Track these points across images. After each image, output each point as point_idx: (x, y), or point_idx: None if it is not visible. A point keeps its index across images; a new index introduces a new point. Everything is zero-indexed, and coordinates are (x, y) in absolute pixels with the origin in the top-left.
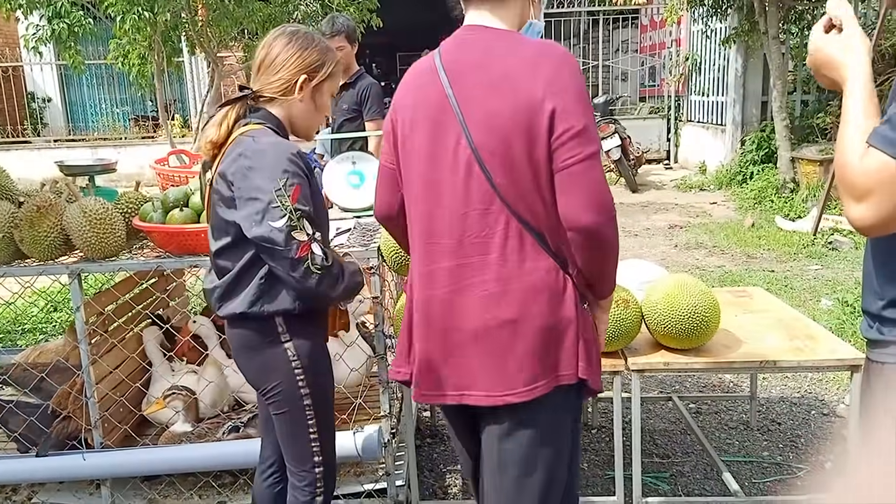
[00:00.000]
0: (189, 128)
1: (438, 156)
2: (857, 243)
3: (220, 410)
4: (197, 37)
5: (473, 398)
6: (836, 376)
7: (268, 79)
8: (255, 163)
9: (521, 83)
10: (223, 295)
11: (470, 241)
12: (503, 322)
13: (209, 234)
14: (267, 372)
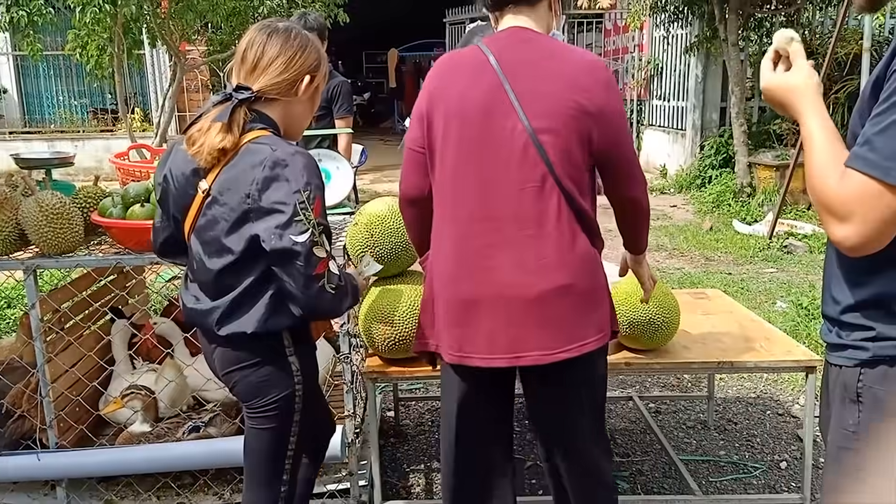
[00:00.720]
0: (150, 122)
1: (492, 138)
2: (811, 247)
3: (180, 410)
4: (159, 29)
5: (529, 359)
6: (790, 377)
7: (270, 79)
8: (277, 173)
9: (580, 82)
10: (224, 317)
11: (526, 214)
12: (560, 287)
13: (200, 250)
14: (268, 386)
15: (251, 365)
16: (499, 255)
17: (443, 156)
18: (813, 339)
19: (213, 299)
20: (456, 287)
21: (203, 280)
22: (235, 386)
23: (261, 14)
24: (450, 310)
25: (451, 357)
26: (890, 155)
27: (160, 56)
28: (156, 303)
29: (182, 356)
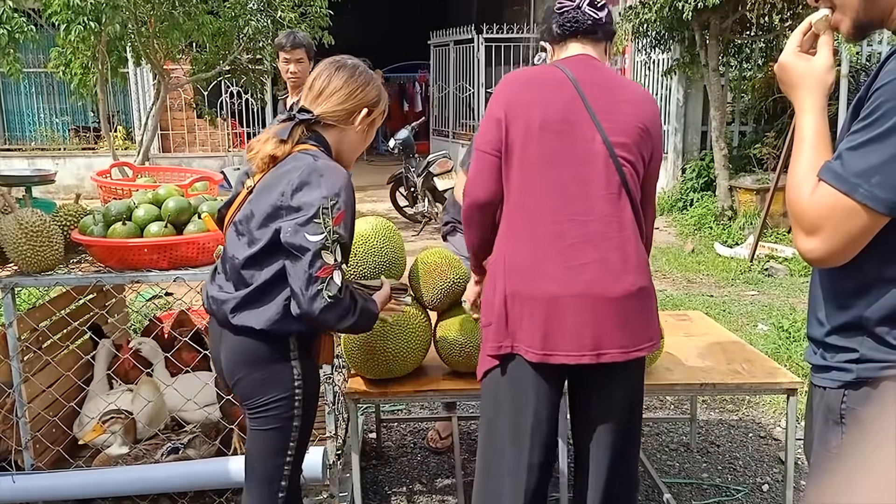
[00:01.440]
0: (132, 140)
1: (575, 147)
2: (791, 270)
3: (158, 431)
4: (143, 48)
5: (610, 356)
6: (772, 399)
7: (330, 107)
8: (311, 179)
9: (646, 109)
10: (239, 305)
11: (609, 218)
12: (639, 288)
13: (234, 240)
14: (267, 386)
15: (255, 363)
16: (585, 254)
17: (523, 159)
18: (794, 361)
19: (235, 289)
20: (540, 285)
21: (230, 269)
22: (238, 384)
23: (245, 34)
24: (532, 308)
25: (534, 356)
26: (859, 172)
27: (144, 74)
28: (136, 322)
29: (162, 377)
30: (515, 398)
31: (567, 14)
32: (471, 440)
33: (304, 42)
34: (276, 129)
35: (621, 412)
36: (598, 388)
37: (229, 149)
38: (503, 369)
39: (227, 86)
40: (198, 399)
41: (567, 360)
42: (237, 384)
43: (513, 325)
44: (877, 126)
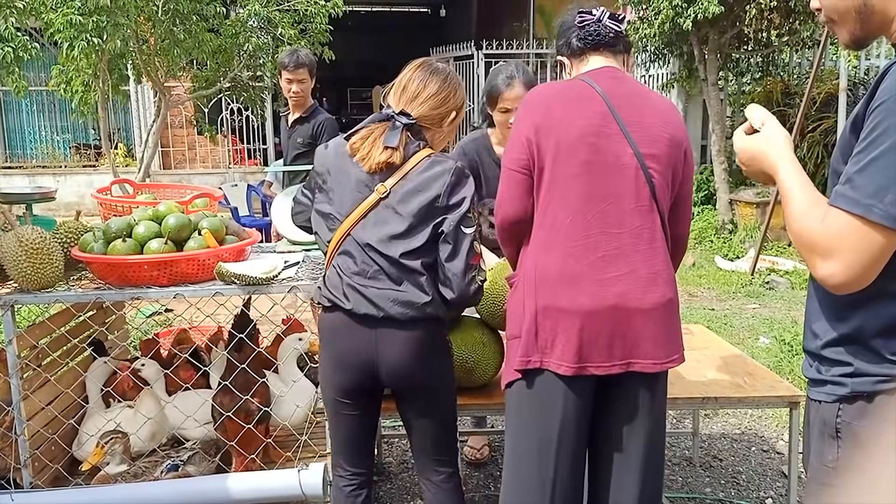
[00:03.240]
0: (133, 157)
1: (606, 161)
2: (792, 283)
3: (158, 448)
4: (144, 66)
5: (640, 366)
6: (775, 413)
7: (426, 111)
8: (461, 180)
9: (672, 120)
10: (429, 303)
11: (639, 231)
12: (669, 300)
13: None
14: (439, 367)
15: (432, 352)
16: (616, 266)
17: (553, 175)
18: (796, 374)
19: (397, 285)
20: (574, 299)
21: (387, 269)
22: (417, 372)
23: (246, 51)
24: (566, 322)
25: (567, 369)
26: (871, 193)
27: (145, 92)
28: (136, 339)
29: (160, 394)
30: (543, 413)
31: (588, 27)
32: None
33: (306, 61)
34: (378, 133)
35: (649, 424)
36: (626, 398)
37: (230, 165)
38: (530, 383)
39: (227, 102)
40: (198, 416)
41: (597, 371)
42: (415, 373)
43: (543, 339)
44: (879, 144)
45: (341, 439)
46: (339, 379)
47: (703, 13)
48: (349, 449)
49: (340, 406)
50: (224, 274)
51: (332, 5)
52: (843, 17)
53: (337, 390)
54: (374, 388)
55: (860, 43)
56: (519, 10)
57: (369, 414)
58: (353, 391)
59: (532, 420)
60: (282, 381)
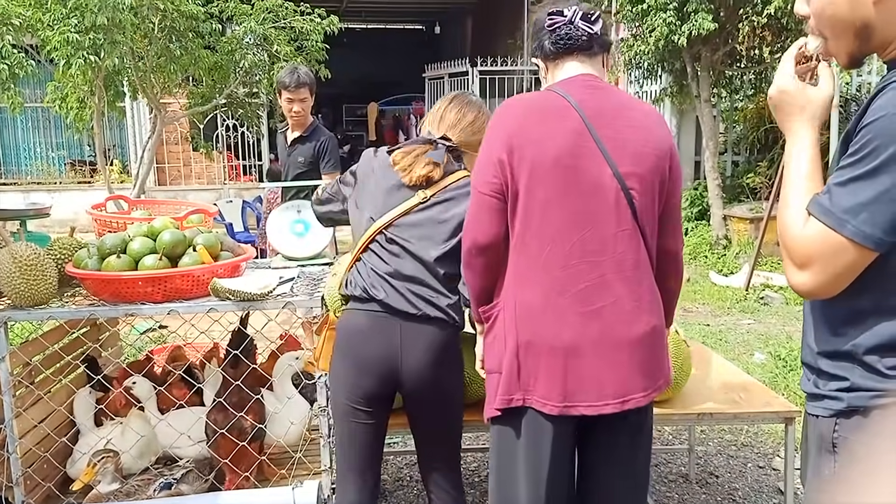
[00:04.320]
0: (128, 173)
1: (583, 183)
2: (787, 299)
3: (150, 466)
4: (140, 82)
5: (634, 401)
6: (770, 429)
7: (465, 138)
8: None
9: (655, 131)
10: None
11: (623, 257)
12: (653, 328)
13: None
14: (456, 373)
15: (455, 354)
16: (600, 297)
17: (529, 200)
18: (791, 390)
19: (424, 286)
20: (558, 334)
21: (426, 272)
22: (442, 378)
23: (242, 68)
24: (550, 359)
25: (553, 408)
26: (847, 208)
27: (140, 108)
28: (129, 355)
29: (153, 412)
30: (528, 452)
31: (559, 30)
32: (470, 474)
33: (307, 80)
34: (420, 151)
35: (640, 455)
36: (617, 433)
37: (225, 181)
38: (513, 421)
39: (222, 119)
40: (191, 434)
41: (588, 411)
42: (440, 380)
43: (526, 376)
44: (865, 163)
45: (354, 452)
46: (361, 383)
47: (697, 30)
48: (362, 462)
49: (357, 414)
50: (219, 290)
51: (327, 23)
52: (839, 35)
53: (355, 397)
54: (390, 396)
55: (857, 62)
56: (513, 27)
57: (380, 426)
58: (372, 396)
59: (518, 460)
60: (276, 398)
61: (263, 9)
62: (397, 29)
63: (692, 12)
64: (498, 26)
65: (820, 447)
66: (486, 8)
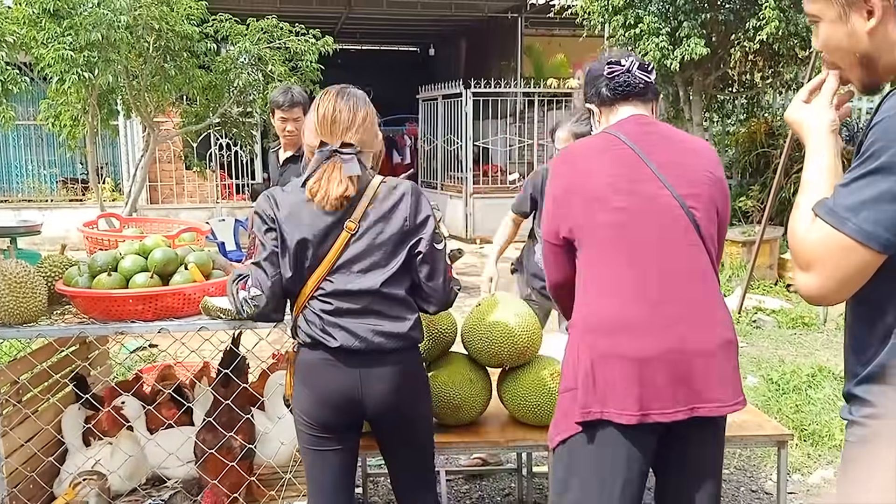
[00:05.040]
0: (120, 191)
1: (641, 204)
2: (779, 322)
3: (139, 487)
4: (134, 101)
5: (706, 410)
6: (763, 452)
7: (364, 135)
8: (420, 198)
9: (704, 156)
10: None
11: (688, 272)
12: (728, 340)
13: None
14: (422, 396)
15: (414, 377)
16: (672, 309)
17: (594, 228)
18: (784, 413)
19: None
20: (632, 344)
21: (370, 303)
22: (403, 403)
23: (236, 87)
24: (626, 369)
25: (630, 418)
26: (848, 206)
27: (134, 126)
28: (119, 374)
29: (141, 432)
30: (604, 466)
31: (618, 78)
32: (461, 496)
33: (300, 100)
34: (329, 170)
35: (713, 470)
36: (690, 445)
37: (217, 200)
38: (589, 437)
39: (216, 138)
40: (181, 454)
41: (661, 418)
42: (401, 405)
43: (602, 388)
44: (868, 163)
45: (322, 480)
46: (322, 414)
47: (689, 55)
48: (331, 488)
49: (320, 442)
50: (210, 308)
51: (322, 43)
52: (848, 66)
53: (317, 426)
54: (354, 424)
55: (871, 88)
56: (507, 50)
57: (350, 452)
58: (335, 427)
59: (593, 475)
60: (267, 417)
61: (258, 29)
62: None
63: (685, 37)
64: (492, 49)
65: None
66: (479, 31)
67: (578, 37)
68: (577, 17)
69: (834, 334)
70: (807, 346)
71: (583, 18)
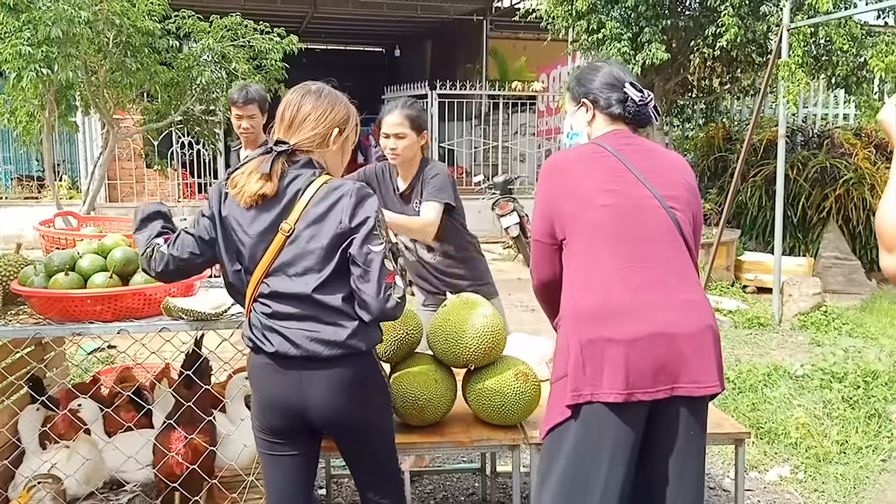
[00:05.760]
0: (77, 189)
1: (624, 204)
2: (735, 323)
3: (96, 490)
4: (93, 97)
5: (684, 390)
6: (721, 450)
7: (304, 134)
8: (360, 199)
9: (682, 166)
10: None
11: (668, 263)
12: (708, 325)
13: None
14: (373, 402)
15: (359, 384)
16: (653, 295)
17: (579, 227)
18: (741, 412)
19: (314, 323)
20: (617, 328)
21: (305, 308)
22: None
23: (199, 85)
24: (613, 350)
25: (618, 396)
26: None
27: (92, 123)
28: (76, 376)
29: (99, 435)
30: (594, 445)
31: (641, 108)
32: (425, 496)
33: (256, 97)
34: (255, 165)
35: (694, 450)
36: (671, 425)
37: (179, 199)
38: (580, 418)
39: (177, 136)
40: (139, 457)
41: (644, 397)
42: (346, 411)
43: (591, 371)
44: None
45: (279, 483)
46: (269, 420)
47: (650, 60)
48: (289, 494)
49: (273, 447)
50: (171, 309)
51: (287, 42)
52: None
53: (268, 431)
54: (303, 430)
55: None
56: (472, 53)
57: (307, 456)
58: (284, 432)
59: (581, 455)
60: (229, 419)
61: (222, 26)
62: (358, 51)
63: (646, 42)
64: (457, 51)
65: None
66: (445, 32)
67: (543, 40)
68: (541, 21)
69: (789, 334)
70: (762, 345)
71: (547, 22)
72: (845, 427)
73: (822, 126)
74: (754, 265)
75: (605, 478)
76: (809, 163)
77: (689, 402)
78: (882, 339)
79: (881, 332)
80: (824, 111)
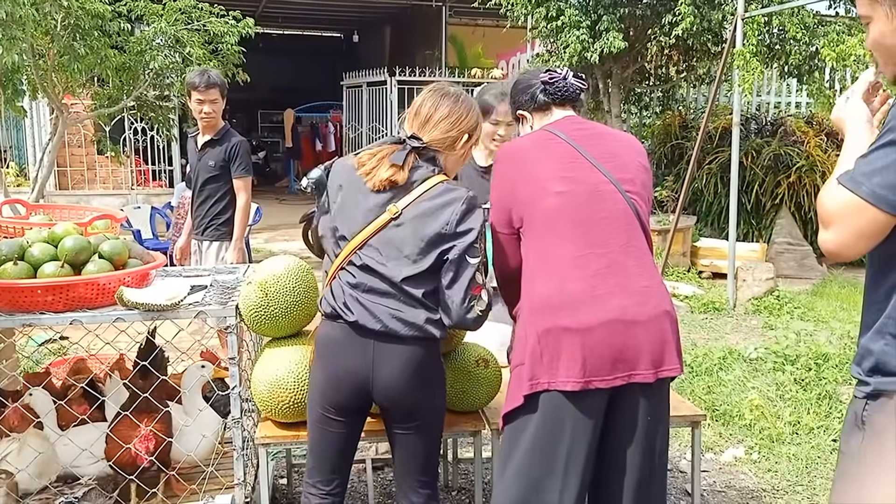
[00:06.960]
0: (26, 177)
1: (579, 190)
2: (692, 308)
3: (49, 484)
4: (40, 81)
5: (641, 377)
6: (677, 432)
7: (437, 135)
8: (471, 209)
9: (634, 147)
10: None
11: (625, 248)
12: (664, 311)
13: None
14: (433, 388)
15: (424, 367)
16: (609, 283)
17: (533, 215)
18: (696, 395)
19: (408, 306)
20: (573, 317)
21: (388, 287)
22: (409, 392)
23: (152, 70)
24: (569, 339)
25: (574, 384)
26: (864, 173)
27: (40, 108)
28: (26, 368)
29: (52, 429)
30: (553, 433)
31: (556, 84)
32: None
33: (217, 81)
34: (387, 152)
35: (653, 436)
36: (629, 412)
37: (133, 186)
38: (536, 407)
39: (130, 122)
40: (94, 450)
41: (602, 385)
42: (407, 394)
43: (548, 360)
44: (884, 138)
45: (323, 454)
46: (332, 396)
47: (608, 48)
48: (330, 464)
49: (327, 422)
50: (125, 301)
51: (243, 25)
52: (885, 58)
53: (327, 406)
54: (363, 407)
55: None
56: (431, 39)
57: (355, 430)
58: (344, 408)
59: (540, 443)
60: (185, 410)
61: (175, 9)
62: (315, 36)
63: (604, 30)
64: (416, 37)
65: (853, 423)
66: (404, 19)
67: (502, 27)
68: (500, 8)
69: (743, 318)
70: (717, 329)
71: (506, 9)
72: (797, 408)
73: (775, 114)
74: (710, 251)
75: (565, 464)
76: (763, 150)
77: (647, 388)
78: (832, 322)
79: (832, 316)
80: (777, 99)
